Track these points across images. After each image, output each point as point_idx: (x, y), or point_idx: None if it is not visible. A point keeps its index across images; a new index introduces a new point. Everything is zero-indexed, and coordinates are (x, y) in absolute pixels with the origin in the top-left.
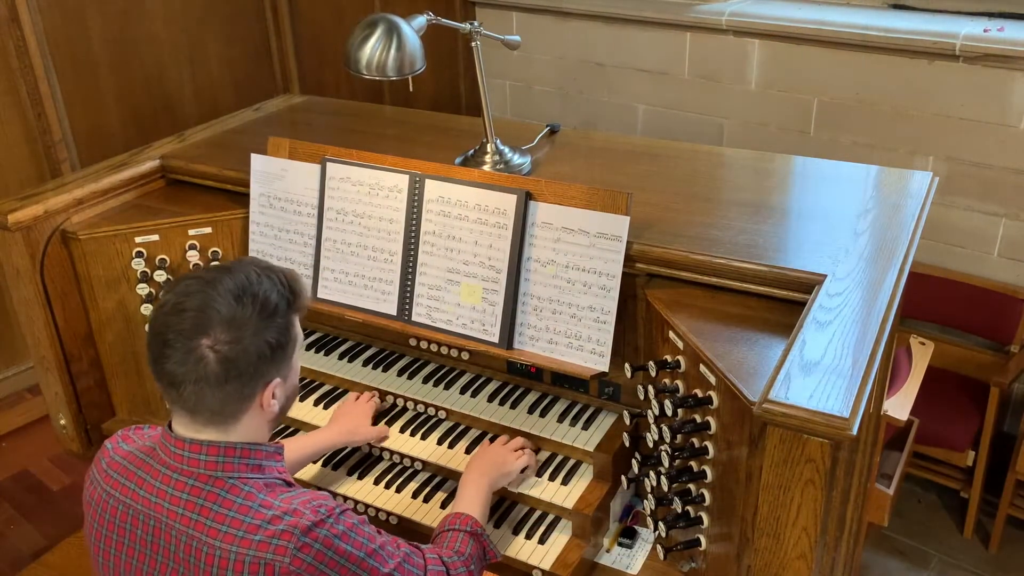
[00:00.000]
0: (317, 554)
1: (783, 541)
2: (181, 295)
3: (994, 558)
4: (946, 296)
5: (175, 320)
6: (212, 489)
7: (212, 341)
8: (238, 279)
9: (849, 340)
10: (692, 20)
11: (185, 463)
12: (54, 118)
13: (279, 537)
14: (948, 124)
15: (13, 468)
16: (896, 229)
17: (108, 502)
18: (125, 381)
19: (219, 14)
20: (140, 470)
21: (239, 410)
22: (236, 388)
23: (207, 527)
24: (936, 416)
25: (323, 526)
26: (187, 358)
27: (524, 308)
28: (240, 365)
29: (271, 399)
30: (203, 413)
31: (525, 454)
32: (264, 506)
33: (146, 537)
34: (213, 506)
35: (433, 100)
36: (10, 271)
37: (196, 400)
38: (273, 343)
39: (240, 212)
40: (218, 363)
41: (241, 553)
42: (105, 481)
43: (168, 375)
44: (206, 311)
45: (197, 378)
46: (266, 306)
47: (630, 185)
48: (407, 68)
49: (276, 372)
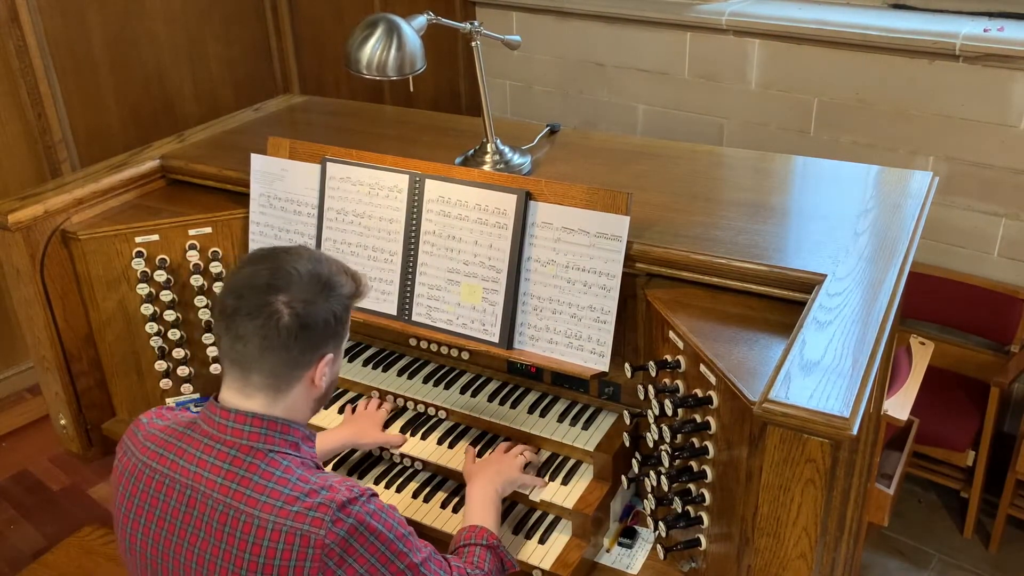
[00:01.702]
0: (351, 528)
1: (783, 541)
2: (256, 260)
3: (994, 558)
4: (946, 296)
5: (252, 277)
6: (253, 460)
7: (288, 298)
8: (313, 254)
9: (849, 340)
10: (692, 20)
11: (229, 433)
12: (54, 118)
13: (316, 509)
14: (948, 124)
15: (13, 468)
16: (896, 229)
17: (144, 472)
18: (125, 381)
19: (219, 14)
20: (180, 441)
21: (293, 378)
22: (299, 352)
23: (246, 496)
24: (936, 416)
25: (357, 503)
26: (260, 312)
27: (524, 308)
28: (309, 326)
29: (322, 375)
30: (260, 373)
31: (526, 461)
32: (302, 480)
33: (180, 507)
34: (253, 476)
35: (433, 100)
36: (10, 271)
37: (258, 357)
38: (338, 316)
39: (240, 212)
40: (291, 319)
41: (279, 523)
42: (141, 452)
43: (237, 328)
44: (284, 271)
45: (267, 333)
46: (335, 284)
47: (630, 185)
48: (407, 68)
49: (332, 347)
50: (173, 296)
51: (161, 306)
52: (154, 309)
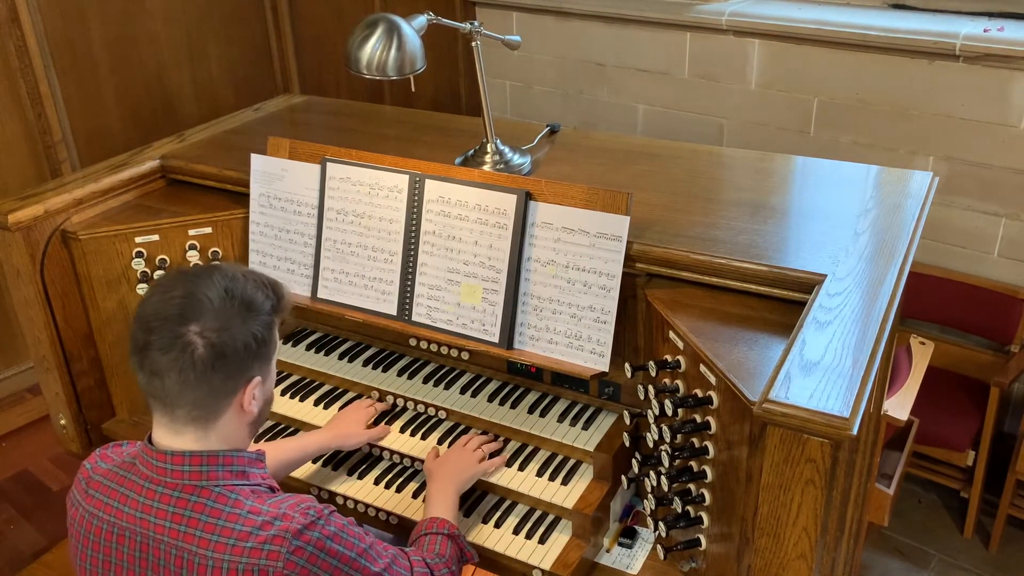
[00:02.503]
0: (310, 556)
1: (783, 541)
2: (167, 287)
3: (994, 558)
4: (946, 296)
5: (162, 307)
6: (199, 500)
7: (200, 328)
8: (225, 274)
9: (849, 340)
10: (692, 20)
11: (168, 475)
12: (54, 118)
13: (271, 542)
14: (948, 124)
15: (13, 468)
16: (896, 229)
17: (92, 522)
18: (125, 381)
19: (219, 14)
20: (121, 487)
21: (220, 407)
22: (220, 380)
23: (197, 538)
24: (936, 416)
25: (314, 528)
26: (173, 344)
27: (524, 308)
28: (227, 354)
29: (251, 399)
30: (183, 407)
31: (484, 450)
32: (253, 512)
33: (134, 554)
34: (201, 516)
35: (433, 100)
36: (10, 271)
37: (179, 392)
38: (259, 337)
39: (240, 212)
40: (205, 349)
41: (234, 561)
42: (87, 502)
43: (152, 363)
44: (195, 298)
45: (183, 366)
46: (252, 303)
47: (630, 185)
48: (407, 68)
49: (258, 369)
50: None
51: None
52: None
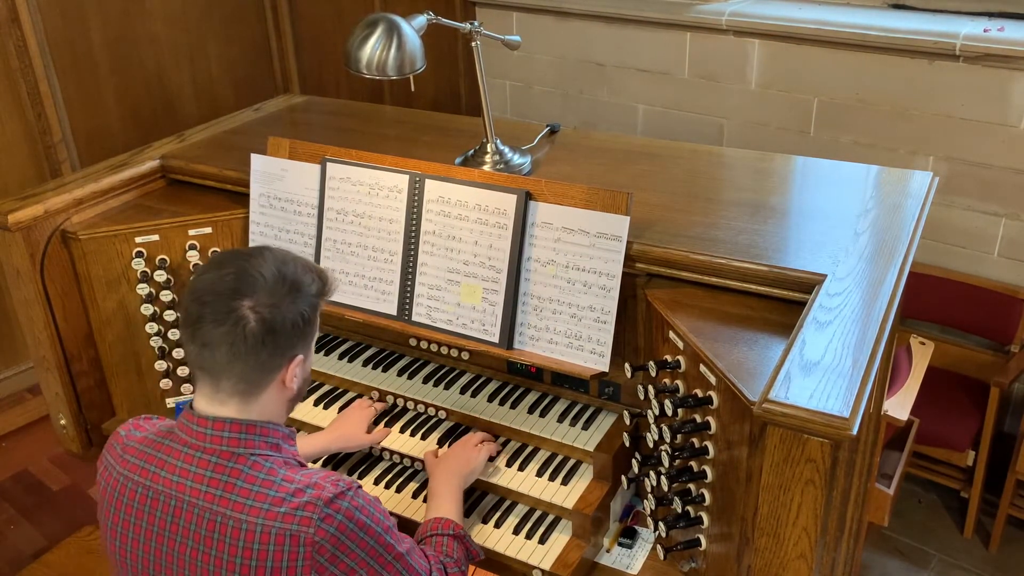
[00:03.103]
0: (340, 524)
1: (783, 541)
2: (219, 264)
3: (994, 558)
4: (946, 296)
5: (216, 283)
6: (235, 465)
7: (253, 303)
8: (276, 256)
9: (849, 340)
10: (692, 20)
11: (208, 440)
12: (54, 118)
13: (303, 508)
14: (948, 124)
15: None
16: (896, 229)
17: (126, 485)
18: (125, 381)
19: (219, 14)
20: (159, 452)
21: (264, 382)
22: (268, 356)
23: (232, 501)
24: (936, 416)
25: (344, 498)
26: (226, 318)
27: (524, 308)
28: (277, 330)
29: (293, 376)
30: (230, 379)
31: (486, 446)
32: (286, 480)
33: (166, 518)
34: (237, 481)
35: (433, 100)
36: (10, 271)
37: (227, 364)
38: (305, 317)
39: (240, 212)
40: (257, 324)
41: (267, 525)
42: (121, 465)
43: (204, 335)
44: (248, 275)
45: (234, 339)
46: (300, 284)
47: (630, 185)
48: (407, 68)
49: (302, 348)
50: (173, 296)
51: (161, 306)
52: (154, 309)
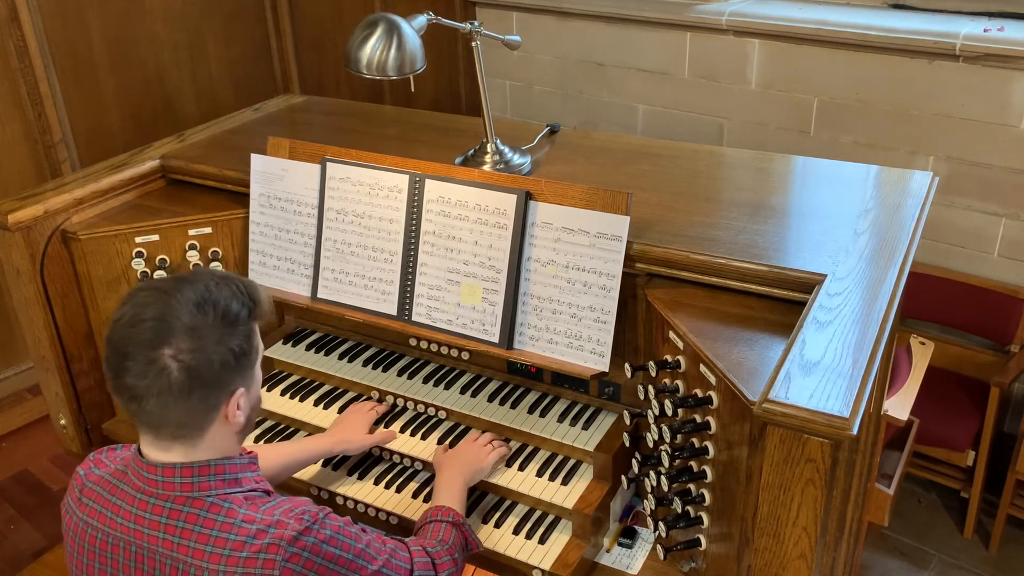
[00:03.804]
0: (306, 562)
1: (783, 541)
2: (138, 306)
3: (994, 558)
4: (946, 296)
5: (134, 331)
6: (192, 510)
7: (174, 351)
8: (197, 288)
9: (849, 340)
10: (692, 20)
11: (160, 487)
12: (54, 118)
13: (266, 551)
14: (948, 124)
15: (13, 468)
16: (896, 229)
17: (86, 531)
18: None
19: (219, 14)
20: (114, 496)
21: (204, 422)
22: (200, 399)
23: (191, 548)
24: (936, 416)
25: (309, 533)
26: (148, 370)
27: (524, 308)
28: (204, 374)
29: (236, 410)
30: (168, 427)
31: (495, 449)
32: (247, 520)
33: (129, 563)
34: (195, 527)
35: (433, 100)
36: (10, 271)
37: (160, 414)
38: (236, 351)
39: (240, 212)
40: (181, 372)
41: (229, 571)
42: (80, 510)
43: (129, 389)
44: (166, 320)
45: (160, 390)
46: (227, 314)
47: (630, 185)
48: (407, 68)
49: (240, 381)
50: None
51: None
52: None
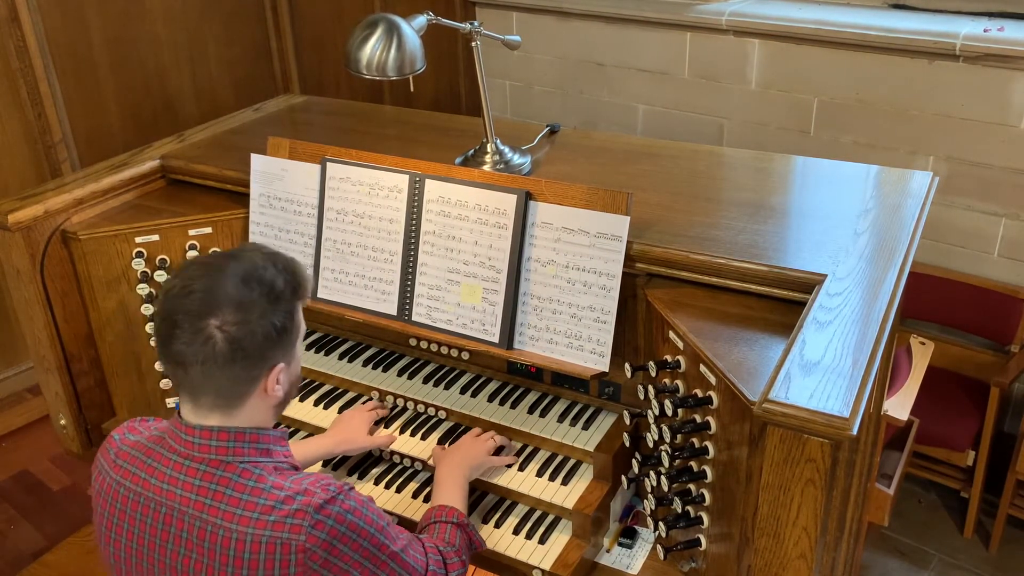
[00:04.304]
0: (331, 530)
1: (783, 541)
2: (188, 278)
3: (994, 558)
4: (946, 296)
5: (183, 301)
6: (224, 474)
7: (220, 321)
8: (244, 264)
9: (849, 340)
10: (692, 20)
11: (196, 449)
12: (54, 118)
13: (293, 516)
14: (948, 124)
15: (13, 468)
16: (896, 229)
17: (118, 491)
18: (125, 381)
19: (219, 14)
20: (150, 458)
21: (244, 393)
22: (242, 369)
23: (221, 511)
24: (936, 416)
25: (334, 503)
26: (195, 338)
27: (524, 308)
28: (247, 346)
29: (275, 384)
30: (208, 395)
31: (496, 445)
32: (276, 487)
33: (157, 524)
34: (226, 490)
35: (433, 100)
36: (10, 271)
37: (203, 381)
38: (279, 326)
39: (240, 212)
40: (225, 343)
41: (257, 534)
42: (114, 471)
43: (176, 355)
44: (214, 292)
45: (204, 358)
46: (272, 291)
47: (630, 185)
48: (407, 68)
49: (281, 356)
50: None
51: None
52: (154, 309)
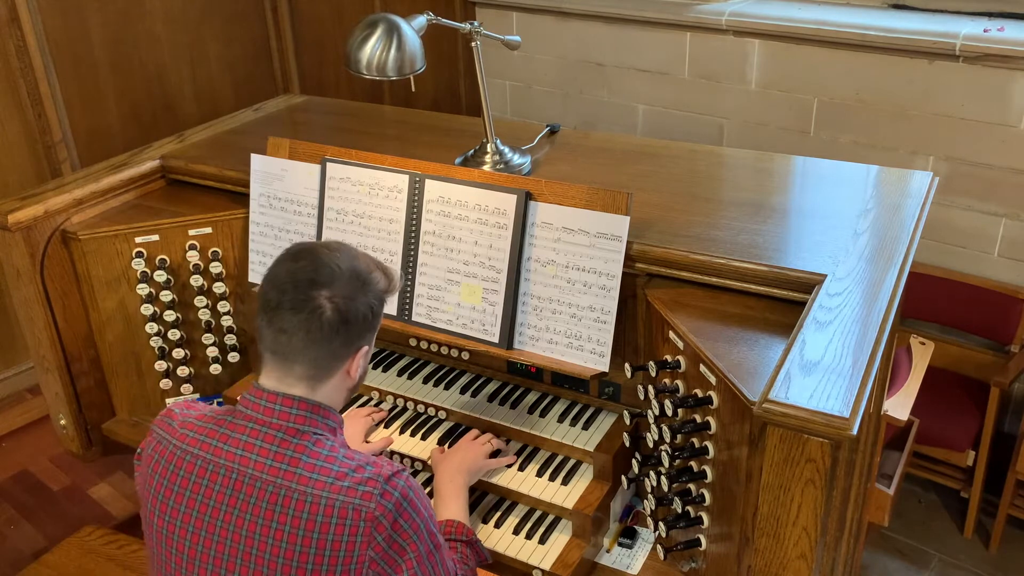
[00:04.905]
0: (396, 502)
1: (783, 541)
2: (295, 255)
3: (994, 558)
4: (946, 296)
5: (295, 272)
6: (300, 441)
7: (330, 293)
8: (348, 250)
9: (849, 340)
10: (692, 20)
11: (275, 415)
12: (54, 118)
13: (365, 484)
14: (948, 124)
15: (13, 468)
16: (896, 229)
17: (183, 458)
18: (125, 381)
19: (219, 14)
20: (222, 427)
21: (333, 369)
22: (340, 344)
23: (297, 475)
24: (936, 416)
25: (400, 477)
26: (304, 306)
27: (524, 308)
28: (350, 321)
29: (358, 366)
30: (302, 365)
31: (493, 448)
32: (347, 457)
33: (225, 491)
34: (302, 456)
35: (433, 100)
36: (10, 271)
37: (302, 349)
38: (375, 310)
39: (240, 212)
40: (333, 314)
41: (331, 498)
42: (179, 439)
43: (281, 321)
44: (327, 267)
45: (310, 327)
46: (369, 279)
47: (630, 185)
48: (407, 68)
49: (368, 339)
50: (173, 296)
51: (161, 306)
52: (154, 309)
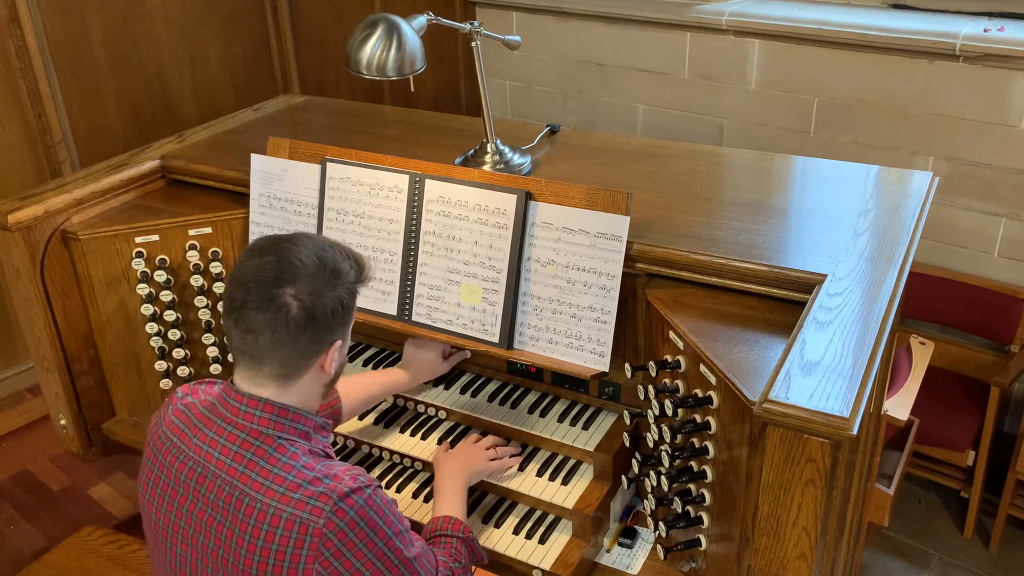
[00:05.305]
0: (350, 521)
1: (783, 541)
2: (260, 251)
3: (994, 558)
4: (946, 296)
5: (259, 270)
6: (261, 445)
7: (295, 291)
8: (316, 243)
9: (849, 340)
10: (692, 20)
11: (241, 416)
12: (54, 118)
13: (317, 499)
14: (948, 124)
15: (13, 468)
16: (896, 229)
17: (166, 444)
18: (125, 381)
19: (219, 14)
20: (200, 422)
21: (304, 367)
22: (309, 342)
23: (251, 479)
24: (936, 416)
25: (360, 494)
26: (269, 305)
27: (524, 308)
28: (318, 317)
29: (331, 361)
30: (271, 364)
31: (501, 460)
32: (306, 467)
33: (191, 482)
34: (259, 460)
35: (433, 100)
36: (10, 271)
37: (270, 349)
38: (344, 303)
39: (240, 212)
40: (299, 312)
41: (279, 509)
42: (168, 425)
43: (247, 321)
44: (290, 263)
45: (276, 326)
46: (339, 271)
47: (630, 185)
48: (407, 68)
49: (340, 333)
50: (173, 296)
51: (161, 306)
52: (154, 309)
